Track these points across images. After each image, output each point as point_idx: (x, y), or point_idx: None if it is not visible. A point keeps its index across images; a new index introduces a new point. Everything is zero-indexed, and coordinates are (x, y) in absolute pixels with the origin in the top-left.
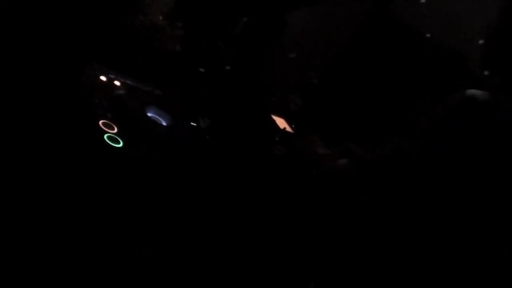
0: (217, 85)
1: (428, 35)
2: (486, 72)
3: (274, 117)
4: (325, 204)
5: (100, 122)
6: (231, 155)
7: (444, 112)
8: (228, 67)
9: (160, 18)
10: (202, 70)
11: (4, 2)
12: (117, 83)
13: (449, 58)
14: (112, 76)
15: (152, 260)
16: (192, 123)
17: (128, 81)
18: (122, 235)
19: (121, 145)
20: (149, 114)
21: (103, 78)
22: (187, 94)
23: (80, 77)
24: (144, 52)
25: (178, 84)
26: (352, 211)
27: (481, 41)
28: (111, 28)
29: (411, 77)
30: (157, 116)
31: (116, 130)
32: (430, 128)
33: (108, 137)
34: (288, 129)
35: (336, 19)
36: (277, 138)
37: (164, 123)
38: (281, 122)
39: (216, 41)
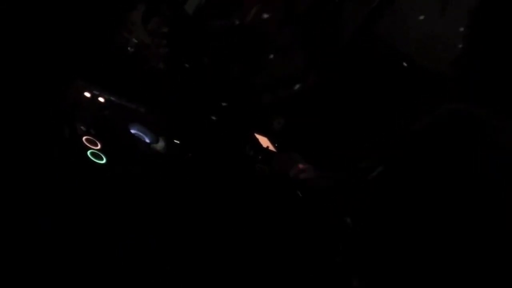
0: (201, 102)
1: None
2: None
3: (258, 136)
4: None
5: (84, 138)
6: (214, 173)
7: (430, 124)
8: (212, 86)
9: (145, 35)
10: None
11: None
12: (101, 99)
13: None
14: (97, 93)
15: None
16: (175, 141)
17: (112, 98)
18: (104, 252)
19: (104, 161)
20: (132, 131)
21: (87, 94)
22: (171, 112)
23: (65, 93)
24: (129, 70)
25: (162, 101)
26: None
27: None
28: (96, 45)
29: (392, 96)
30: (140, 133)
31: (99, 146)
32: (416, 139)
33: (92, 153)
34: (271, 148)
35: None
36: (260, 157)
37: (147, 140)
38: (264, 141)
39: (200, 59)
